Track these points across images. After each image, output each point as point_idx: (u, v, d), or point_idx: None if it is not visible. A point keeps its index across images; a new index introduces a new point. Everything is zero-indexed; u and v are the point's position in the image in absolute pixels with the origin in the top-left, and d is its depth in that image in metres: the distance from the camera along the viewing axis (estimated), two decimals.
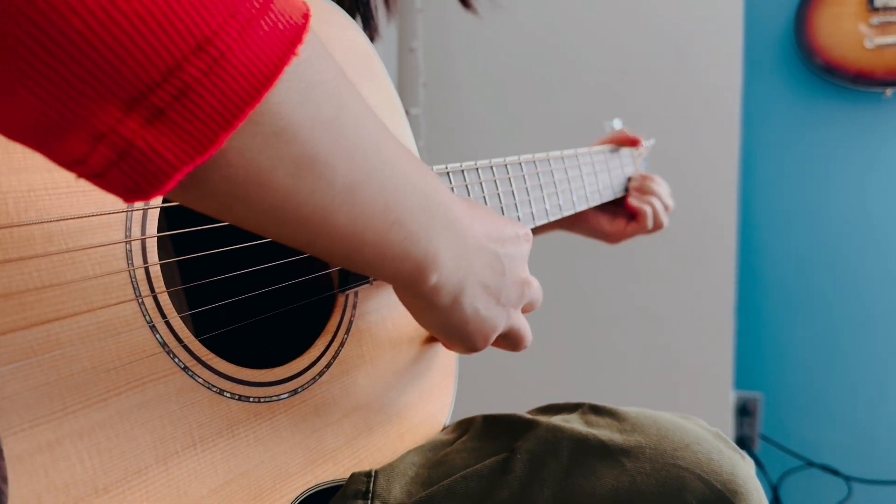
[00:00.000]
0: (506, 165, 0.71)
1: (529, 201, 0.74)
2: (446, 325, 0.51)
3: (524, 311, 0.57)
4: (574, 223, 0.98)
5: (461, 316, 0.50)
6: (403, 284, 0.46)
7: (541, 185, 0.77)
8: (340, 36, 0.61)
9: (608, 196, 0.93)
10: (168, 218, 0.57)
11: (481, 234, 0.50)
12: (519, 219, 0.72)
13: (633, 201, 0.94)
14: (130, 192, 0.29)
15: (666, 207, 0.97)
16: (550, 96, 1.75)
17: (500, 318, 0.53)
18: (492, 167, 0.69)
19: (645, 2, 1.70)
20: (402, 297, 0.50)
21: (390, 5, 0.76)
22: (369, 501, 0.54)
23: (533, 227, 0.76)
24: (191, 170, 0.29)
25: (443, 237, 0.45)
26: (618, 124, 1.03)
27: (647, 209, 0.94)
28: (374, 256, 0.41)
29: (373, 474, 0.56)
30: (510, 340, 0.57)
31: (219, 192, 0.33)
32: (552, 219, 0.79)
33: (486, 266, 0.50)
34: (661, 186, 0.98)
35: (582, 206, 0.87)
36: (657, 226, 0.96)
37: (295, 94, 0.32)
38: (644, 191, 0.95)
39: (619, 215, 0.97)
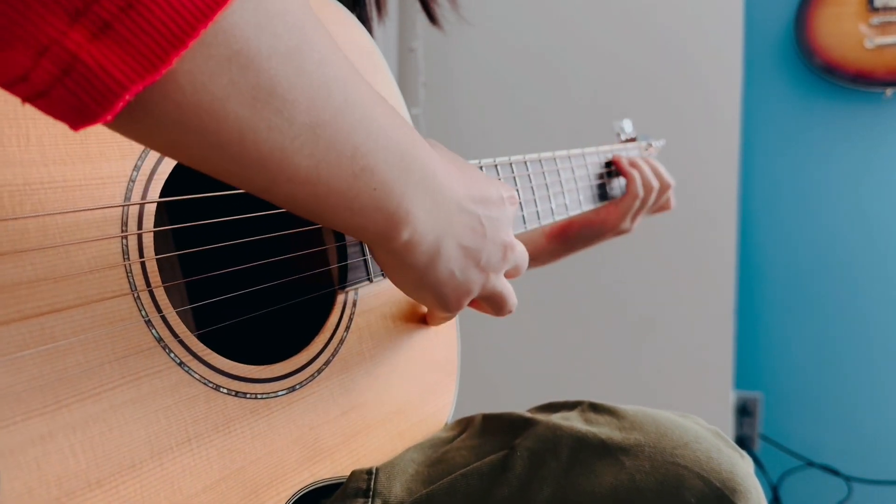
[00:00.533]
0: (510, 164, 0.70)
1: (535, 200, 0.74)
2: (420, 284, 0.49)
3: (508, 275, 0.56)
4: (573, 238, 0.96)
5: (436, 276, 0.49)
6: (373, 239, 0.44)
7: (546, 185, 0.76)
8: (343, 31, 0.61)
9: (617, 194, 0.93)
10: (167, 213, 0.57)
11: (462, 194, 0.48)
12: (524, 219, 0.72)
13: (623, 166, 0.92)
14: (77, 113, 0.28)
15: (662, 183, 0.94)
16: (550, 96, 1.75)
17: (475, 282, 0.51)
18: (496, 166, 0.68)
19: (645, 2, 1.70)
20: (375, 254, 0.49)
21: (381, 8, 0.76)
22: (370, 500, 0.54)
23: (538, 226, 0.75)
24: (140, 90, 0.28)
25: (418, 192, 0.43)
26: (628, 125, 1.02)
27: (635, 172, 0.91)
28: (341, 206, 0.39)
29: (373, 472, 0.56)
30: (492, 304, 0.56)
31: (171, 122, 0.31)
32: (558, 219, 0.78)
33: (466, 227, 0.49)
34: (653, 161, 0.96)
35: (588, 206, 0.86)
36: (647, 189, 0.92)
37: (252, 17, 0.31)
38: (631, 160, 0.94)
39: (607, 202, 0.95)
